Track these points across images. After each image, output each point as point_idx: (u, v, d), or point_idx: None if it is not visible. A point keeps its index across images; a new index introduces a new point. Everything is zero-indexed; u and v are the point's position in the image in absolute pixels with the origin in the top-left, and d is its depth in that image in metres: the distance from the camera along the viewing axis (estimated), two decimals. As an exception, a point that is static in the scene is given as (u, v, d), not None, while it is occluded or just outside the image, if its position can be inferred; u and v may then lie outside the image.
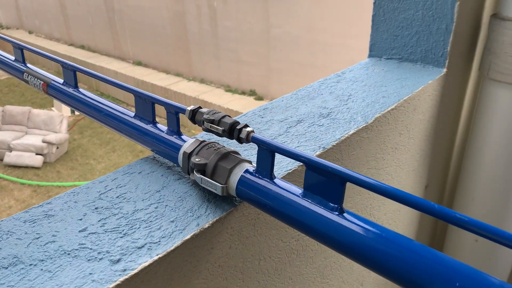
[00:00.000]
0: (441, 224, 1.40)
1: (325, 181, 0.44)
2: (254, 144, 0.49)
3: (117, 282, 0.41)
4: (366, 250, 0.41)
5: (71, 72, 0.71)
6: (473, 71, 1.17)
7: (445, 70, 1.01)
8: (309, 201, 0.45)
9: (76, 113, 10.53)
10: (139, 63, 12.84)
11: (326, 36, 8.70)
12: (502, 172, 1.08)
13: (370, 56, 1.14)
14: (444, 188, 1.32)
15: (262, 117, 0.78)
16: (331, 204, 0.43)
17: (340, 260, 0.84)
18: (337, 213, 0.43)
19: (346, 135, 0.71)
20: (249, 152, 0.65)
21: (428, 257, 0.37)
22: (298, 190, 0.47)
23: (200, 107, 0.54)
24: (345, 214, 0.43)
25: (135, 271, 0.43)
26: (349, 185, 0.43)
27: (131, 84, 0.66)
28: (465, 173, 1.18)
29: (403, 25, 1.05)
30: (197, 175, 0.52)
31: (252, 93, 10.62)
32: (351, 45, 8.10)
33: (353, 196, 0.81)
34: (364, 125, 0.75)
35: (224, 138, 0.67)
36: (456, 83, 1.11)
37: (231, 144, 0.66)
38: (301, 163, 0.55)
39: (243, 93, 10.75)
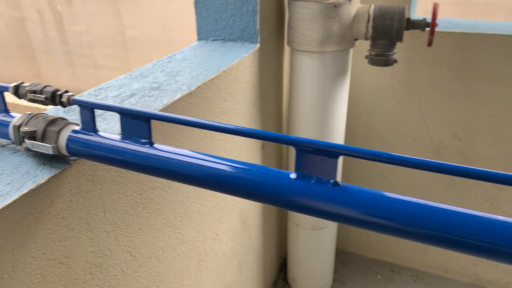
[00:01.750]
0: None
1: (135, 123, 0.55)
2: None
3: (-43, 233, 0.47)
4: (173, 169, 0.54)
5: None
6: (285, 44, 1.41)
7: (258, 45, 1.21)
8: (127, 142, 0.56)
9: None
10: (-25, 80, 11.22)
11: (182, 34, 8.81)
12: (316, 122, 1.34)
13: (198, 39, 1.29)
14: (279, 146, 1.56)
15: (97, 96, 0.86)
16: (143, 140, 0.55)
17: (189, 212, 0.98)
18: (148, 146, 0.55)
19: (172, 101, 0.84)
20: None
21: (225, 163, 0.52)
22: (118, 137, 0.57)
23: (22, 82, 0.61)
24: (155, 145, 0.55)
25: (-26, 222, 0.49)
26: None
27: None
28: (292, 130, 1.42)
29: (220, 9, 1.23)
30: (28, 142, 0.59)
31: (115, 98, 10.17)
32: (207, 41, 8.35)
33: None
34: (188, 92, 0.89)
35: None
36: (271, 55, 1.33)
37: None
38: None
39: (106, 99, 10.23)
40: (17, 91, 0.60)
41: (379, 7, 1.19)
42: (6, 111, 0.64)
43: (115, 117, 0.75)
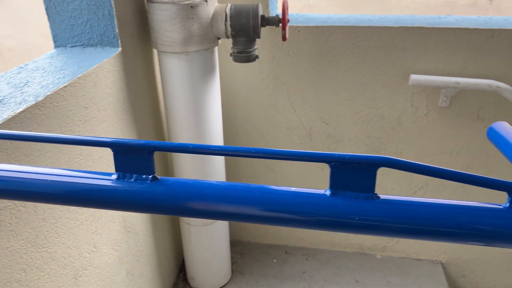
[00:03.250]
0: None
1: None
2: None
3: None
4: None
5: None
6: (153, 47, 1.41)
7: (120, 49, 1.20)
8: None
9: None
10: None
11: (67, 41, 8.24)
12: (192, 121, 1.36)
13: (56, 46, 1.23)
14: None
15: None
16: (-44, 159, 0.52)
17: (56, 228, 0.93)
18: (-38, 164, 0.52)
19: (14, 114, 0.80)
20: None
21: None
22: None
23: None
24: (-29, 164, 0.52)
25: None
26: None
27: None
28: (171, 132, 1.43)
29: (75, 15, 1.18)
30: None
31: (-3, 116, 9.14)
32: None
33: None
34: (34, 103, 0.85)
35: None
36: (138, 58, 1.32)
37: None
38: None
39: (-15, 118, 9.14)
40: None
41: (234, 6, 1.25)
42: None
43: None
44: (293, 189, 0.46)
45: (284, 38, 1.27)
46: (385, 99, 1.54)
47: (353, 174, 0.43)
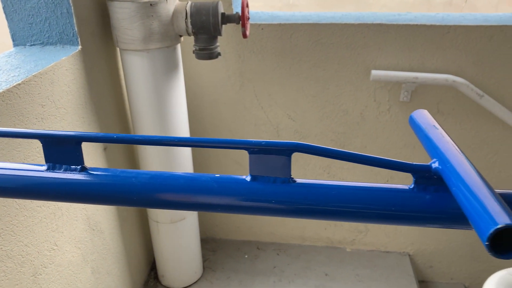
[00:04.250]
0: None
1: None
2: None
3: None
4: None
5: None
6: (115, 45, 1.41)
7: (80, 47, 1.20)
8: None
9: None
10: None
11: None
12: (156, 118, 1.37)
13: (14, 45, 1.22)
14: (130, 146, 1.56)
15: None
16: None
17: (11, 226, 0.93)
18: None
19: (-38, 112, 0.79)
20: None
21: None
22: None
23: None
24: None
25: None
26: None
27: None
28: (137, 130, 1.43)
29: (33, 13, 1.18)
30: None
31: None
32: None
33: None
34: (-16, 101, 0.85)
35: None
36: (99, 56, 1.32)
37: None
38: None
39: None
40: None
41: (194, 3, 1.26)
42: None
43: None
44: (216, 175, 0.48)
45: (244, 36, 1.29)
46: (349, 94, 1.57)
47: (271, 159, 0.45)
